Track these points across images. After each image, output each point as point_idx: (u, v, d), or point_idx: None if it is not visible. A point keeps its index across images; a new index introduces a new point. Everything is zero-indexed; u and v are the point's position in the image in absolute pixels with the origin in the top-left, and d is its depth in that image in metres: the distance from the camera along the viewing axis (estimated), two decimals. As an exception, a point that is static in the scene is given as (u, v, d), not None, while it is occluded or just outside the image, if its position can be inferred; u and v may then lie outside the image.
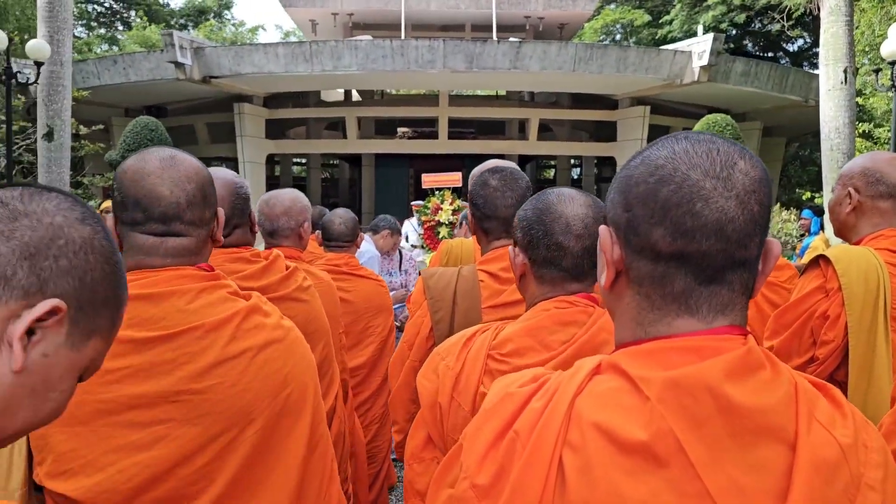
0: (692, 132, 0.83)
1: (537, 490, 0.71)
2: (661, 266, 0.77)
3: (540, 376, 0.82)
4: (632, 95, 18.98)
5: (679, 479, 0.68)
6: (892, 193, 2.02)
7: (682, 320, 0.77)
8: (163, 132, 16.00)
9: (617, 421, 0.71)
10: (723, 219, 0.74)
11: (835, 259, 1.96)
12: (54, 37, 10.47)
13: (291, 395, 1.24)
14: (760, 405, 0.70)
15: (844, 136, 10.59)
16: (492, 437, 0.77)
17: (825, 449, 0.70)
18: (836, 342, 1.93)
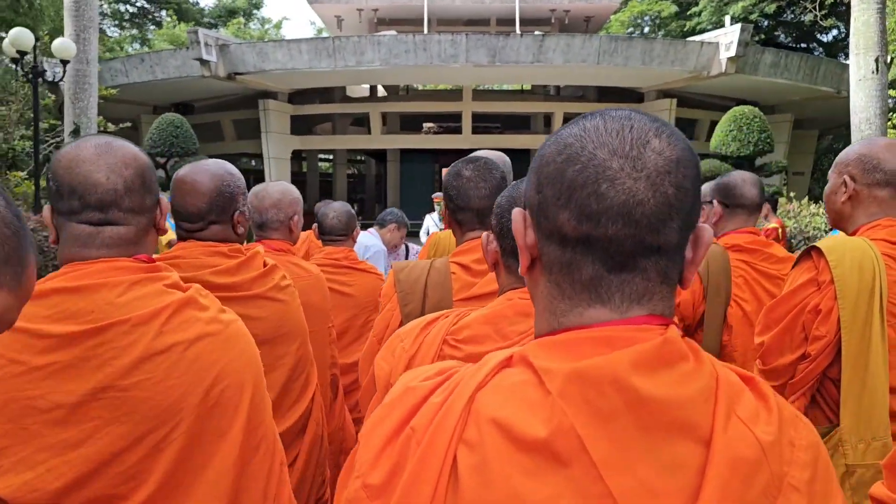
0: (615, 109, 0.76)
1: (429, 490, 0.66)
2: (569, 252, 0.72)
3: (446, 370, 0.77)
4: (658, 88, 18.74)
5: (581, 479, 0.63)
6: (889, 181, 1.93)
7: (595, 310, 0.71)
8: (188, 129, 16.21)
9: (516, 417, 0.66)
10: (630, 201, 0.68)
11: (827, 250, 1.87)
12: (80, 35, 10.62)
13: (225, 392, 1.19)
14: (673, 399, 0.65)
15: (875, 127, 10.28)
16: (388, 433, 0.72)
17: (742, 447, 0.64)
18: (829, 337, 1.84)
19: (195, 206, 1.82)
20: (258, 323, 1.84)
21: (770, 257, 2.56)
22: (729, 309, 2.55)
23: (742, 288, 2.55)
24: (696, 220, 0.73)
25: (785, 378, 1.95)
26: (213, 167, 1.88)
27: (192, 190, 1.83)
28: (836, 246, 1.87)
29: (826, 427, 1.89)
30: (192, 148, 16.22)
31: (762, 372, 2.01)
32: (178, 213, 1.85)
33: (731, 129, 15.02)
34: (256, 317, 1.85)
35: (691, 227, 0.72)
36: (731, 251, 2.59)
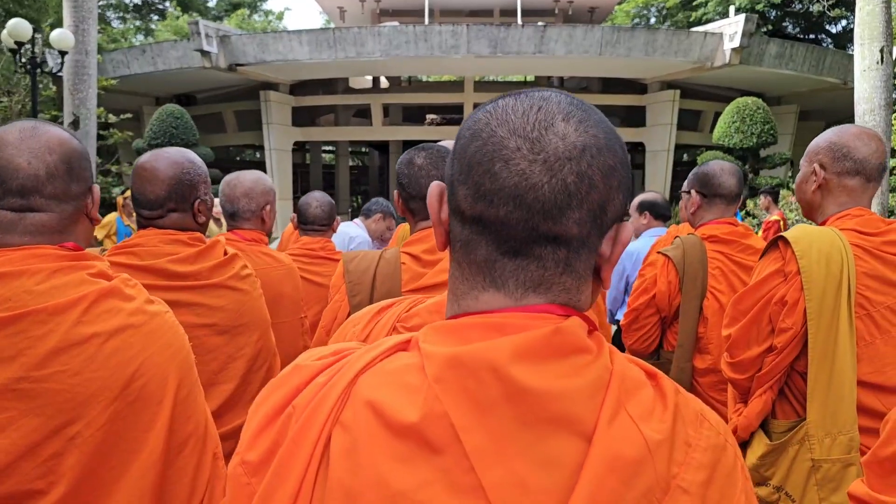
0: (542, 89, 0.73)
1: (300, 471, 0.63)
2: (467, 230, 0.69)
3: (342, 350, 0.73)
4: (661, 79, 18.61)
5: (453, 469, 0.60)
6: (859, 170, 1.88)
7: (489, 294, 0.68)
8: (188, 120, 16.21)
9: (391, 400, 0.63)
10: (523, 184, 0.64)
11: (793, 240, 1.82)
12: (79, 26, 10.60)
13: (147, 386, 1.16)
14: (555, 392, 0.61)
15: (880, 118, 10.17)
16: (270, 411, 0.69)
17: (625, 444, 0.60)
18: (795, 329, 1.80)
19: (154, 192, 1.80)
20: (217, 312, 1.83)
21: (747, 248, 2.51)
22: (705, 301, 2.51)
23: (718, 279, 2.51)
24: (616, 216, 0.69)
25: (752, 371, 1.91)
26: (173, 154, 1.85)
27: (152, 177, 1.81)
28: (802, 236, 1.83)
29: (794, 421, 1.85)
30: (192, 139, 16.23)
31: (729, 365, 1.97)
32: (136, 201, 1.83)
33: (734, 120, 14.92)
34: (215, 306, 1.83)
35: (605, 221, 0.68)
36: (708, 242, 2.55)
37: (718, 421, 0.69)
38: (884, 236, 1.85)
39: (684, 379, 2.51)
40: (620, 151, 0.69)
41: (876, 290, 1.80)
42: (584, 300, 0.70)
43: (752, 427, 1.91)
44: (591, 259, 0.69)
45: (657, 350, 2.70)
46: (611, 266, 0.71)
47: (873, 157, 1.88)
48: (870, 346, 1.80)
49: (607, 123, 0.70)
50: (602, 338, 0.69)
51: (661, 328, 2.66)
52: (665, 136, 18.74)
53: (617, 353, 0.69)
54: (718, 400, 2.42)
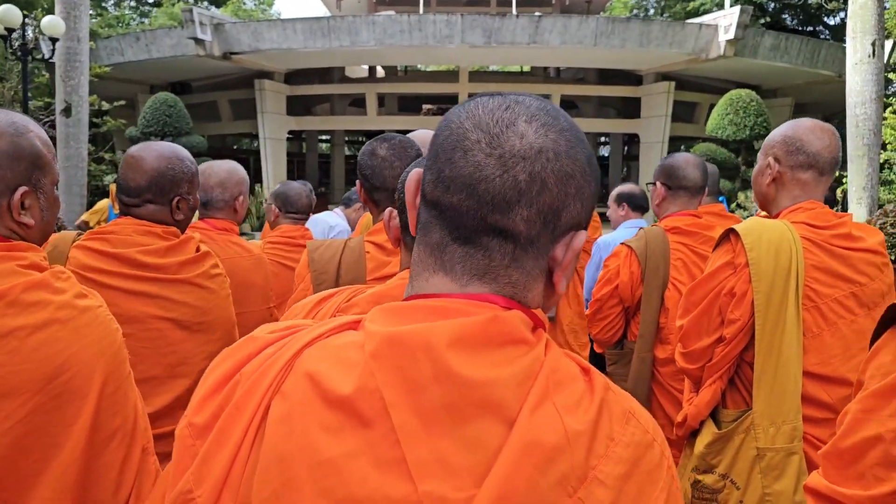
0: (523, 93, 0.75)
1: (238, 435, 0.66)
2: (427, 213, 0.73)
3: (294, 326, 0.76)
4: (656, 71, 18.59)
5: (380, 443, 0.62)
6: (812, 164, 1.90)
7: (438, 278, 0.72)
8: (181, 108, 16.17)
9: (329, 372, 0.65)
10: (476, 175, 0.68)
11: (744, 233, 1.84)
12: (71, 13, 10.57)
13: (72, 381, 1.14)
14: (484, 378, 0.64)
15: (871, 111, 10.17)
16: (220, 378, 0.72)
17: (545, 432, 0.62)
18: (743, 320, 1.82)
19: (135, 181, 1.84)
20: (180, 307, 1.84)
21: (709, 240, 2.53)
22: (666, 291, 2.54)
23: (680, 270, 2.53)
24: (572, 222, 0.71)
25: (703, 361, 1.93)
26: (163, 148, 1.89)
27: (136, 165, 1.85)
28: (752, 228, 1.85)
29: (743, 410, 1.88)
30: (186, 128, 16.20)
31: (682, 355, 1.99)
32: (119, 186, 1.87)
33: (728, 112, 14.92)
34: (179, 301, 1.84)
35: (558, 226, 0.70)
36: (670, 233, 2.57)
37: (650, 421, 0.71)
38: (833, 230, 1.87)
39: (645, 369, 2.54)
40: (583, 161, 0.71)
41: (824, 282, 1.82)
42: (533, 298, 0.72)
43: (701, 416, 1.94)
44: (542, 259, 0.71)
45: (621, 340, 2.73)
46: (562, 271, 0.72)
47: (826, 151, 1.90)
48: (817, 337, 1.82)
49: (575, 133, 0.72)
50: (544, 335, 0.71)
51: (626, 318, 2.68)
52: (660, 128, 18.72)
53: (554, 348, 0.71)
54: (678, 389, 2.45)
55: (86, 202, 10.83)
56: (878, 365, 1.14)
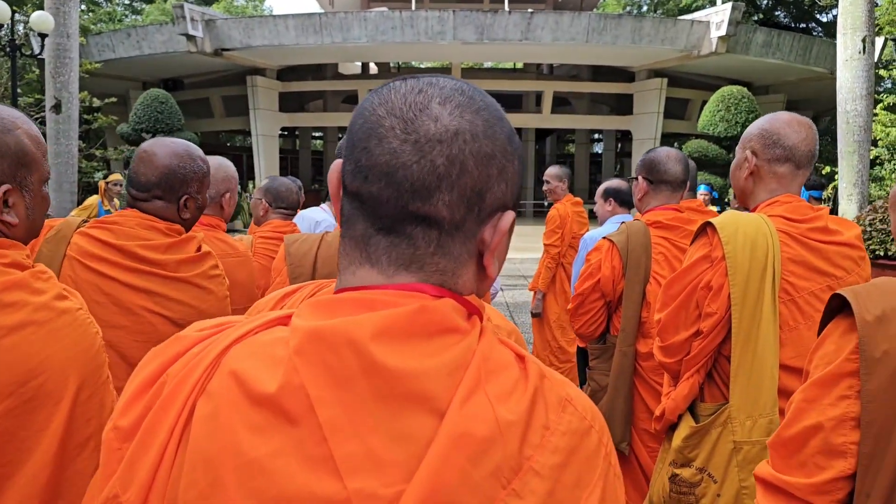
0: (436, 75, 0.73)
1: (163, 436, 0.65)
2: (349, 205, 0.71)
3: (224, 323, 0.74)
4: (649, 67, 18.61)
5: (307, 440, 0.60)
6: (788, 157, 1.90)
7: (365, 270, 0.70)
8: (173, 105, 16.10)
9: (254, 371, 0.64)
10: (393, 162, 0.66)
11: (720, 226, 1.84)
12: (60, 9, 10.49)
13: (45, 385, 1.13)
14: (412, 370, 0.62)
15: (861, 108, 10.20)
16: (146, 379, 0.70)
17: (476, 423, 0.61)
18: (720, 314, 1.82)
19: (145, 175, 1.85)
20: (176, 305, 1.84)
21: (690, 234, 2.52)
22: (648, 286, 2.54)
23: (661, 265, 2.54)
24: (498, 203, 0.70)
25: (681, 355, 1.94)
26: (177, 145, 1.89)
27: (148, 160, 1.86)
28: (729, 222, 1.85)
29: (720, 403, 1.88)
30: (178, 124, 16.14)
31: (660, 349, 2.00)
32: (130, 180, 1.88)
33: (719, 109, 14.95)
34: (175, 299, 1.84)
35: (483, 208, 0.69)
36: (652, 228, 2.57)
37: (587, 406, 0.69)
38: (810, 223, 1.87)
39: (627, 363, 2.54)
40: (503, 140, 0.70)
41: (800, 276, 1.83)
42: (464, 284, 0.71)
43: (679, 409, 1.95)
44: (469, 244, 0.70)
45: (603, 334, 2.73)
46: (492, 253, 0.71)
47: (803, 144, 1.90)
48: (794, 330, 1.83)
49: (493, 113, 0.70)
50: (478, 322, 0.69)
51: (608, 313, 2.69)
52: (652, 125, 18.75)
53: (488, 335, 0.69)
54: (660, 383, 2.45)
55: (76, 199, 10.77)
56: (822, 354, 1.15)
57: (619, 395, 2.52)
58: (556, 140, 30.18)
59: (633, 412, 2.56)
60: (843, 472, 1.09)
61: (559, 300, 5.18)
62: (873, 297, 1.11)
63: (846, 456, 1.08)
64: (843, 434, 1.09)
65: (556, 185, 5.22)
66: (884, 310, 1.08)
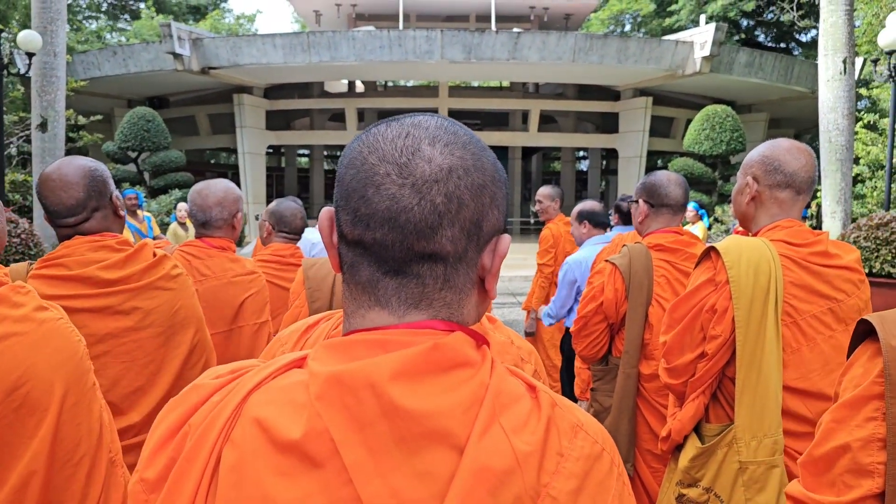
0: (414, 115, 0.76)
1: (192, 487, 0.66)
2: (350, 253, 0.73)
3: (240, 368, 0.76)
4: (634, 86, 18.83)
5: (333, 483, 0.63)
6: (789, 183, 1.95)
7: (375, 312, 0.72)
8: (159, 123, 16.05)
9: (277, 417, 0.66)
10: (394, 207, 0.68)
11: (724, 251, 1.89)
12: (48, 28, 10.48)
13: (31, 393, 1.17)
14: (429, 409, 0.64)
15: (843, 127, 10.38)
16: (168, 430, 0.72)
17: (494, 456, 0.63)
18: (724, 337, 1.86)
19: (73, 196, 1.80)
20: (151, 314, 1.86)
21: (691, 257, 2.58)
22: (650, 308, 2.57)
23: (664, 287, 2.57)
24: (493, 229, 0.73)
25: (686, 376, 1.97)
26: (74, 160, 1.86)
27: (65, 183, 1.80)
28: (732, 247, 1.89)
29: (725, 424, 1.91)
30: (164, 142, 16.08)
31: (665, 370, 2.03)
32: (55, 212, 1.82)
33: (704, 128, 15.14)
34: (150, 308, 1.86)
35: (482, 236, 0.72)
36: (653, 250, 2.61)
37: (598, 430, 0.72)
38: (811, 247, 1.92)
39: (630, 384, 2.57)
40: (491, 169, 0.73)
41: (802, 299, 1.87)
42: (468, 313, 0.74)
43: (685, 430, 1.97)
44: (472, 273, 0.73)
45: (606, 356, 2.76)
46: (493, 277, 0.74)
47: (803, 170, 1.95)
48: (796, 352, 1.86)
49: (477, 145, 0.74)
50: (487, 352, 0.72)
51: (610, 334, 2.72)
52: (638, 143, 18.95)
53: (499, 367, 0.72)
54: (663, 404, 2.48)
55: (62, 218, 10.70)
56: (851, 377, 1.19)
57: (623, 416, 2.55)
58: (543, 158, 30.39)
59: (636, 433, 2.59)
60: (870, 490, 1.11)
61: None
62: None
63: (874, 476, 1.11)
64: (870, 454, 1.11)
65: (548, 204, 5.27)
66: None
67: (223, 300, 2.50)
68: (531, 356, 1.20)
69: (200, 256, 2.50)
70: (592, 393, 2.81)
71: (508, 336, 1.19)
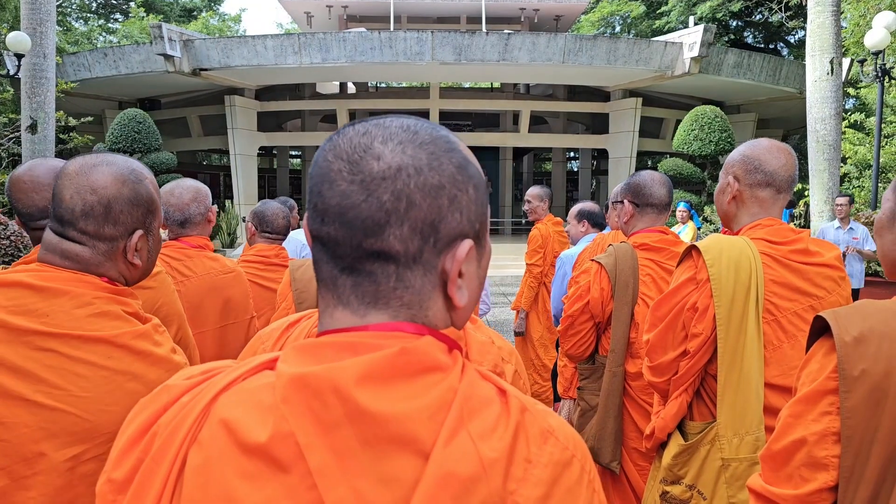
0: (388, 116, 0.76)
1: (157, 488, 0.66)
2: (315, 249, 0.74)
3: (212, 369, 0.76)
4: (624, 87, 18.89)
5: (298, 487, 0.63)
6: (769, 182, 1.98)
7: (340, 312, 0.72)
8: (151, 124, 16.00)
9: (245, 420, 0.66)
10: (343, 203, 0.69)
11: (705, 249, 1.91)
12: (37, 29, 10.44)
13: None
14: (395, 413, 0.64)
15: (831, 127, 10.48)
16: (137, 430, 0.72)
17: (459, 463, 0.63)
18: (706, 334, 1.89)
19: (45, 198, 1.75)
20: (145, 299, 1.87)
21: (676, 256, 2.60)
22: (636, 307, 2.60)
23: (649, 286, 2.60)
24: (454, 233, 0.71)
25: (669, 374, 1.99)
26: (44, 161, 1.84)
27: (35, 185, 1.75)
28: (713, 245, 1.92)
29: (708, 422, 1.94)
30: (155, 144, 16.02)
31: (649, 369, 2.05)
32: (28, 215, 1.77)
33: (693, 128, 15.20)
34: None
35: (439, 238, 0.70)
36: (638, 250, 2.64)
37: (569, 436, 0.71)
38: (791, 245, 1.94)
39: (617, 383, 2.60)
40: (452, 170, 0.71)
41: (783, 296, 1.90)
42: (434, 316, 0.72)
43: (668, 428, 2.00)
44: (431, 275, 0.71)
45: (592, 355, 2.79)
46: (453, 284, 0.72)
47: (783, 169, 1.98)
48: (778, 350, 1.89)
49: (439, 144, 0.72)
50: (459, 356, 0.72)
51: (597, 333, 2.74)
52: (628, 143, 19.01)
53: (469, 370, 0.71)
54: (650, 403, 2.51)
55: (52, 220, 10.65)
56: (808, 373, 1.22)
57: (610, 414, 2.57)
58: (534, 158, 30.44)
59: (623, 431, 2.61)
60: (826, 483, 1.15)
61: (542, 319, 5.24)
62: (852, 319, 1.17)
63: (829, 469, 1.14)
64: (825, 448, 1.15)
65: (537, 204, 5.30)
66: (861, 331, 1.15)
67: (208, 299, 2.50)
68: (512, 356, 1.21)
69: (179, 257, 2.50)
70: (579, 392, 2.84)
71: (489, 336, 1.20)
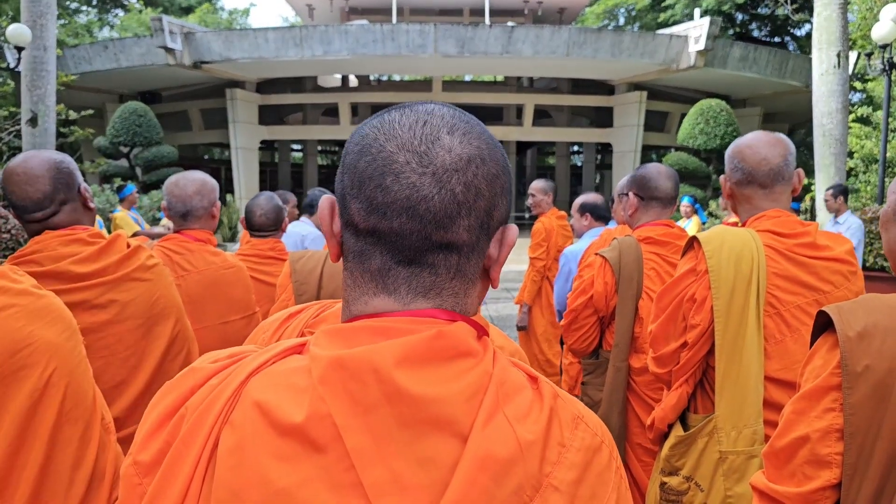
0: (424, 102, 0.76)
1: (188, 471, 0.65)
2: (361, 242, 0.72)
3: (238, 353, 0.75)
4: (628, 81, 18.83)
5: (334, 467, 0.62)
6: (749, 179, 1.93)
7: (380, 299, 0.72)
8: (151, 118, 15.98)
9: (278, 401, 0.65)
10: (414, 196, 0.68)
11: (705, 241, 1.88)
12: (37, 22, 10.39)
13: (31, 356, 1.24)
14: (434, 395, 0.64)
15: (837, 121, 10.40)
16: (164, 413, 0.71)
17: (498, 445, 0.63)
18: (703, 326, 1.86)
19: (40, 190, 1.76)
20: (129, 306, 1.84)
21: (681, 249, 2.54)
22: (640, 301, 2.55)
23: (653, 280, 2.55)
24: (501, 219, 0.74)
25: (671, 365, 1.96)
26: (39, 153, 1.81)
27: (30, 177, 1.75)
28: (714, 237, 1.89)
29: (711, 414, 1.89)
30: (156, 137, 16.01)
31: (653, 359, 2.03)
32: (22, 207, 1.76)
33: (699, 122, 15.14)
34: (127, 300, 1.84)
35: (492, 225, 0.73)
36: (643, 243, 2.59)
37: (597, 423, 0.72)
38: (797, 238, 1.89)
39: (620, 378, 2.55)
40: (502, 159, 0.74)
41: (786, 290, 1.85)
42: (471, 303, 0.74)
43: (668, 419, 1.97)
44: (480, 262, 0.74)
45: (597, 349, 2.74)
46: (499, 266, 0.75)
47: (761, 165, 1.91)
48: (780, 343, 1.85)
49: (488, 134, 0.74)
50: (489, 342, 0.72)
51: (601, 328, 2.69)
52: (632, 137, 18.96)
53: (501, 357, 0.72)
54: (653, 398, 2.47)
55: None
56: (811, 369, 1.20)
57: (614, 410, 2.53)
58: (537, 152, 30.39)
59: (627, 427, 2.57)
60: (829, 481, 1.13)
61: (545, 313, 5.19)
62: (856, 313, 1.15)
63: (832, 466, 1.13)
64: (828, 445, 1.13)
65: (541, 198, 5.24)
66: (865, 326, 1.12)
67: (209, 294, 2.47)
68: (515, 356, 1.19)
69: (180, 251, 2.46)
70: (583, 387, 2.79)
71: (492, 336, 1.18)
